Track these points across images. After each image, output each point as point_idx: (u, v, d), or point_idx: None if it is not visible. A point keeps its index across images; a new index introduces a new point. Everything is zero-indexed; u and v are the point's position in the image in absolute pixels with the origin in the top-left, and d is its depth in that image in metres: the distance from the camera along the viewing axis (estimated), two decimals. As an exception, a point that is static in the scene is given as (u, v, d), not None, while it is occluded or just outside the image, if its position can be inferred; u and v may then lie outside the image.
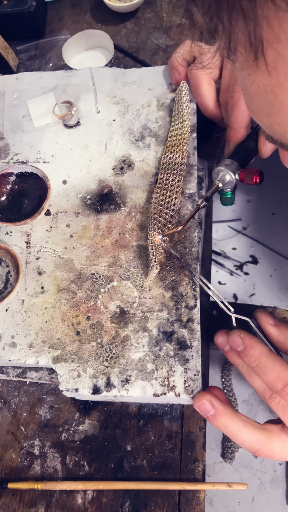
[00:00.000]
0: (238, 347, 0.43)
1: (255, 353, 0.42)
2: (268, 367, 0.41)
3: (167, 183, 0.54)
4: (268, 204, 1.29)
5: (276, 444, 0.42)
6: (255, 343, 0.42)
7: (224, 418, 0.42)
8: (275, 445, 0.42)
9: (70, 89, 0.65)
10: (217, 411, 0.43)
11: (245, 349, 0.42)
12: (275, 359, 0.41)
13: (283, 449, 0.42)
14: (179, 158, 0.56)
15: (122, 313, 0.50)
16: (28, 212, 0.56)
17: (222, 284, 1.26)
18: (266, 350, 0.42)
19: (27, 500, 0.48)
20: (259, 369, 0.42)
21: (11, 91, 0.66)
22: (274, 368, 0.41)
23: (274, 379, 0.40)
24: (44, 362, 0.49)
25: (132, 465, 0.49)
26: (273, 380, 0.40)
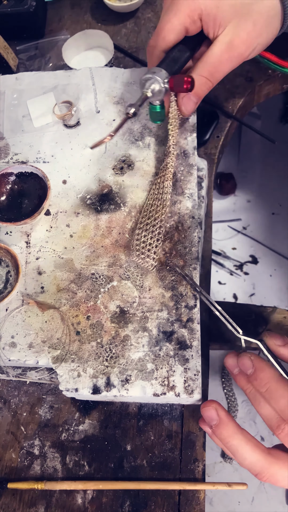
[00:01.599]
0: (248, 370, 0.41)
1: (265, 377, 0.40)
2: (279, 393, 0.39)
3: (152, 210, 0.54)
4: (268, 204, 1.29)
5: (280, 472, 0.40)
6: (265, 366, 0.41)
7: (227, 430, 0.41)
8: (279, 472, 0.40)
9: (70, 89, 0.65)
10: (221, 421, 0.41)
11: (255, 372, 0.41)
12: (286, 384, 0.39)
13: (285, 477, 0.40)
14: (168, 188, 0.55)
15: (122, 313, 0.50)
16: (28, 212, 0.56)
17: (222, 284, 1.26)
18: (277, 375, 0.40)
19: (27, 500, 0.48)
20: (269, 395, 0.40)
21: (11, 91, 0.66)
22: (285, 395, 0.39)
23: (285, 406, 0.38)
24: (44, 362, 0.49)
25: (132, 465, 0.49)
26: (284, 407, 0.38)
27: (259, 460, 0.40)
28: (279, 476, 0.40)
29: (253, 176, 1.35)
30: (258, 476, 0.40)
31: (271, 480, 0.40)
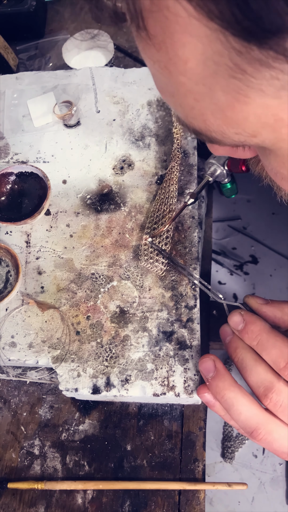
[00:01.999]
0: (239, 325, 0.40)
1: (256, 329, 0.39)
2: (270, 343, 0.38)
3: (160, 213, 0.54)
4: (268, 204, 1.29)
5: (277, 428, 0.37)
6: (256, 319, 0.40)
7: (223, 382, 0.39)
8: (276, 428, 0.37)
9: (70, 89, 0.65)
10: (218, 373, 0.40)
11: (246, 326, 0.40)
12: (277, 335, 0.38)
13: (284, 436, 0.37)
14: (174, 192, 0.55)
15: (122, 313, 0.50)
16: (28, 212, 0.56)
17: (222, 283, 1.26)
18: (268, 326, 0.39)
19: (27, 500, 0.48)
20: (261, 347, 0.38)
21: (11, 91, 0.66)
22: (276, 344, 0.38)
23: (276, 356, 0.37)
24: (44, 362, 0.49)
25: (132, 465, 0.49)
26: (275, 357, 0.37)
27: (255, 415, 0.38)
28: (276, 434, 0.37)
29: (253, 176, 1.35)
30: (253, 434, 0.38)
31: (267, 437, 0.37)
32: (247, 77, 0.19)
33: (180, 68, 0.20)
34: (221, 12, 0.16)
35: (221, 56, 0.18)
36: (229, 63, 0.18)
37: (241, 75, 0.19)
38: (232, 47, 0.18)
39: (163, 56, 0.20)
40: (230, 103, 0.20)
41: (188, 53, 0.19)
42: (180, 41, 0.19)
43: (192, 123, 0.24)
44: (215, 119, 0.22)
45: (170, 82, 0.22)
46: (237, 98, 0.20)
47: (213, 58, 0.19)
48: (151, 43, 0.20)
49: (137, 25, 0.20)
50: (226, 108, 0.21)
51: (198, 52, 0.19)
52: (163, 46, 0.20)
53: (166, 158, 0.59)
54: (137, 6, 0.19)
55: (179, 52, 0.20)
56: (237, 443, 1.08)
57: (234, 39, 0.17)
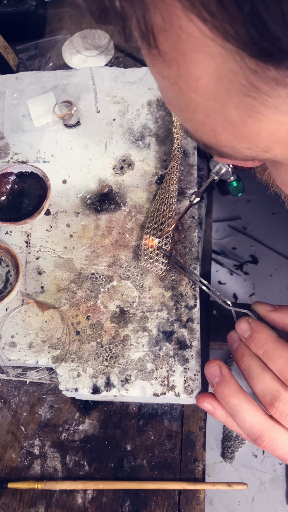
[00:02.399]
0: (245, 333, 0.40)
1: (263, 337, 0.39)
2: (277, 353, 0.38)
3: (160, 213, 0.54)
4: (268, 204, 1.29)
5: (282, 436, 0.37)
6: (263, 328, 0.40)
7: (229, 388, 0.39)
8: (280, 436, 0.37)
9: (70, 88, 0.65)
10: (223, 379, 0.40)
11: (252, 334, 0.40)
12: (284, 345, 0.38)
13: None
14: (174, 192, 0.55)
15: (122, 313, 0.50)
16: (28, 212, 0.56)
17: (222, 283, 1.26)
18: (275, 336, 0.39)
19: (27, 499, 0.48)
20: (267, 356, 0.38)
21: (11, 91, 0.66)
22: (283, 354, 0.37)
23: (282, 366, 0.37)
24: (44, 362, 0.49)
25: (132, 465, 0.49)
26: (281, 368, 0.37)
27: (260, 422, 0.37)
28: (280, 442, 0.37)
29: (253, 176, 1.35)
30: (258, 441, 0.38)
31: (272, 445, 0.37)
32: (262, 95, 0.18)
33: (191, 85, 0.20)
34: (237, 33, 0.16)
35: (235, 75, 0.18)
36: (244, 82, 0.18)
37: (256, 94, 0.18)
38: (247, 67, 0.17)
39: (174, 72, 0.20)
40: (242, 120, 0.20)
41: (201, 71, 0.19)
42: (193, 59, 0.19)
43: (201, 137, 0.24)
44: (226, 134, 0.22)
45: (180, 98, 0.22)
46: (250, 114, 0.20)
47: (227, 76, 0.18)
48: (161, 60, 0.20)
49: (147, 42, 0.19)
50: (238, 124, 0.20)
51: (211, 70, 0.19)
52: (174, 63, 0.19)
53: (166, 158, 0.59)
54: (149, 24, 0.19)
55: (191, 69, 0.19)
56: (237, 443, 1.08)
57: (250, 59, 0.17)
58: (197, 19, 0.17)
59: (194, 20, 0.17)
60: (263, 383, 0.38)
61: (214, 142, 0.23)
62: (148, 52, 0.20)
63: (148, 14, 0.18)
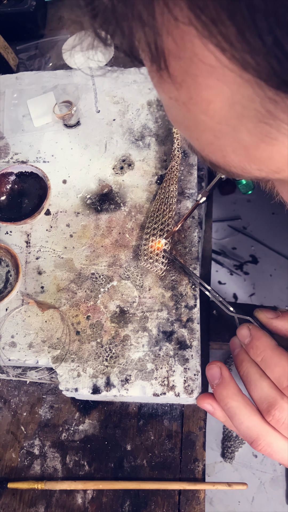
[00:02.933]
0: (245, 339, 0.41)
1: (261, 345, 0.39)
2: (274, 361, 0.38)
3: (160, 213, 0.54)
4: (268, 203, 1.29)
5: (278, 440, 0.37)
6: (262, 335, 0.40)
7: (227, 390, 0.40)
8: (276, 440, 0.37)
9: (70, 88, 0.65)
10: (223, 381, 0.40)
11: (252, 340, 0.40)
12: (282, 353, 0.38)
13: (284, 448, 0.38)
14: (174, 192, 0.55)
15: (122, 313, 0.50)
16: (28, 212, 0.56)
17: (222, 283, 1.26)
18: (274, 344, 0.39)
19: (27, 499, 0.48)
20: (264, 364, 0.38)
21: (11, 91, 0.66)
22: (280, 363, 0.37)
23: (279, 375, 0.37)
24: (44, 362, 0.49)
25: (132, 465, 0.49)
26: (278, 376, 0.37)
27: (256, 425, 0.38)
28: (275, 446, 0.37)
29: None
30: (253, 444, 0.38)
31: (267, 449, 0.38)
32: (278, 122, 0.18)
33: (201, 108, 0.19)
34: (258, 64, 0.15)
35: (251, 102, 0.17)
36: (260, 109, 0.17)
37: (272, 121, 0.18)
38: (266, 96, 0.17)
39: (183, 95, 0.19)
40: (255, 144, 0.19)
41: (213, 96, 0.18)
42: (205, 84, 0.18)
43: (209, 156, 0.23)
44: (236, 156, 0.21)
45: (188, 118, 0.21)
46: (263, 140, 0.19)
47: (241, 102, 0.18)
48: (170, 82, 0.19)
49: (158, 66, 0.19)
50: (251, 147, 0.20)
51: (225, 96, 0.18)
52: (185, 86, 0.19)
53: (166, 158, 0.59)
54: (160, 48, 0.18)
55: (203, 93, 0.18)
56: (237, 443, 1.08)
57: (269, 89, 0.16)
58: (214, 48, 0.16)
59: (211, 48, 0.16)
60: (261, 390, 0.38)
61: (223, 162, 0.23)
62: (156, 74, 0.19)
63: (160, 38, 0.17)
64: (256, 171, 0.22)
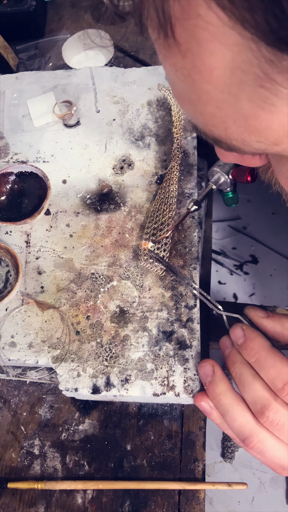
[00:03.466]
0: (239, 340, 0.40)
1: (255, 346, 0.39)
2: (268, 362, 0.38)
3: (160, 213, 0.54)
4: (268, 203, 1.29)
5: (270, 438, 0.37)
6: (256, 336, 0.40)
7: (220, 387, 0.40)
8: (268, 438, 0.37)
9: (70, 88, 0.65)
10: (215, 378, 0.40)
11: (246, 341, 0.40)
12: (276, 354, 0.38)
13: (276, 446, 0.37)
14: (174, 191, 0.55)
15: (121, 313, 0.50)
16: (28, 212, 0.56)
17: (222, 283, 1.26)
18: (268, 345, 0.39)
19: (27, 499, 0.48)
20: (259, 365, 0.38)
21: (11, 91, 0.66)
22: (275, 364, 0.37)
23: (274, 377, 0.37)
24: (43, 362, 0.49)
25: (132, 465, 0.49)
26: (272, 378, 0.37)
27: (249, 422, 0.38)
28: (268, 444, 0.37)
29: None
30: (246, 441, 0.38)
31: (259, 446, 0.38)
32: (276, 86, 0.18)
33: (205, 76, 0.20)
34: (256, 21, 0.16)
35: (251, 65, 0.18)
36: (259, 72, 0.18)
37: (270, 84, 0.18)
38: (263, 56, 0.17)
39: (188, 63, 0.20)
40: (254, 112, 0.20)
41: (216, 61, 0.19)
42: (209, 49, 0.19)
43: (211, 130, 0.24)
44: (237, 127, 0.22)
45: (192, 90, 0.22)
46: (262, 107, 0.20)
47: (241, 67, 0.18)
48: (176, 51, 0.20)
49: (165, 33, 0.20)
50: (250, 116, 0.20)
51: (227, 61, 0.19)
52: (189, 54, 0.20)
53: (166, 158, 0.59)
54: (167, 13, 0.19)
55: (206, 60, 0.19)
56: (237, 443, 1.07)
57: (266, 48, 0.17)
58: (216, 7, 0.17)
59: (214, 7, 0.17)
60: (254, 391, 0.38)
61: (224, 135, 0.23)
62: (163, 42, 0.20)
63: (167, 3, 0.18)
64: (255, 143, 0.22)
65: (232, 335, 0.41)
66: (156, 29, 0.20)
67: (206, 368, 0.41)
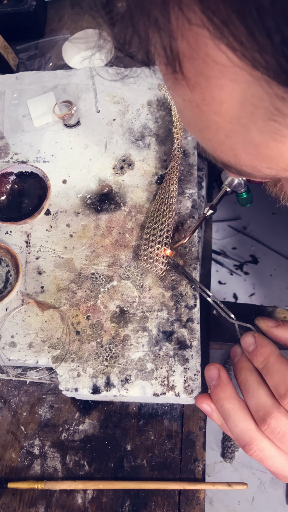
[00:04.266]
0: (250, 347, 0.41)
1: (265, 352, 0.39)
2: (275, 367, 0.38)
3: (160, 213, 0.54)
4: (268, 204, 1.29)
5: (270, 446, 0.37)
6: (267, 343, 0.40)
7: (224, 392, 0.40)
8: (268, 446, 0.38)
9: (70, 88, 0.65)
10: (220, 382, 0.41)
11: (256, 348, 0.40)
12: (284, 362, 0.38)
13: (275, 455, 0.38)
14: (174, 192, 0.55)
15: (122, 313, 0.50)
16: (28, 212, 0.56)
17: (222, 283, 1.26)
18: (277, 352, 0.40)
19: (27, 499, 0.48)
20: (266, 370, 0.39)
21: (11, 91, 0.66)
22: (281, 371, 0.38)
23: (278, 382, 0.37)
24: (43, 362, 0.49)
25: (132, 465, 0.49)
26: (277, 383, 0.37)
27: (250, 430, 0.38)
28: (267, 452, 0.38)
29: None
30: (246, 448, 0.38)
31: (259, 454, 0.38)
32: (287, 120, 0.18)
33: (214, 108, 0.20)
34: (267, 62, 0.16)
35: (261, 100, 0.18)
36: (269, 107, 0.18)
37: (281, 118, 0.18)
38: (274, 93, 0.17)
39: (197, 96, 0.20)
40: (265, 142, 0.20)
41: (225, 95, 0.19)
42: (218, 84, 0.19)
43: (221, 156, 0.24)
44: (247, 155, 0.22)
45: (201, 119, 0.22)
46: (273, 137, 0.19)
47: (251, 101, 0.18)
48: (185, 84, 0.20)
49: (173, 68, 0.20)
50: (261, 146, 0.20)
51: (236, 95, 0.19)
52: (198, 88, 0.20)
53: (166, 158, 0.59)
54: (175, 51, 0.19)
55: (215, 94, 0.19)
56: (237, 443, 1.07)
57: (278, 86, 0.17)
58: (225, 48, 0.17)
59: (223, 48, 0.17)
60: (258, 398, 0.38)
61: (234, 162, 0.23)
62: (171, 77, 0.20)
63: (175, 41, 0.18)
64: (266, 169, 0.22)
65: (243, 343, 0.42)
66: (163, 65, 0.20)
67: (212, 371, 0.42)
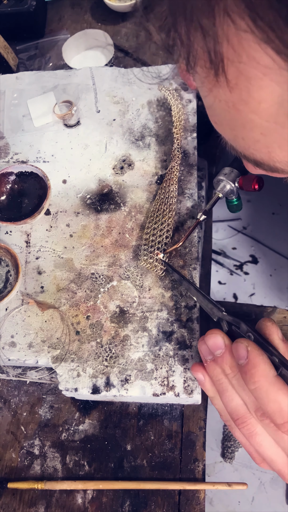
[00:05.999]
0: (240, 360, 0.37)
1: (257, 374, 0.35)
2: (271, 396, 0.34)
3: (159, 213, 0.54)
4: (268, 204, 1.29)
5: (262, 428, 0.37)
6: (260, 362, 0.36)
7: (225, 366, 0.38)
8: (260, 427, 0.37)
9: (70, 88, 0.65)
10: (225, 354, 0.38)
11: (247, 365, 0.36)
12: (280, 388, 0.35)
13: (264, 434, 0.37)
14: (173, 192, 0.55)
15: (121, 313, 0.50)
16: (28, 212, 0.56)
17: (222, 284, 1.26)
18: (272, 374, 0.35)
19: (27, 499, 0.48)
20: (258, 395, 0.35)
21: (11, 91, 0.66)
22: (277, 399, 0.34)
23: (274, 411, 0.34)
24: (43, 362, 0.49)
25: (132, 465, 0.49)
26: (273, 412, 0.34)
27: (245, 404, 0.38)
28: (258, 429, 0.37)
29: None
30: (238, 421, 0.37)
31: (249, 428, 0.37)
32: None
33: (252, 107, 0.21)
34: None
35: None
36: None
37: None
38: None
39: (235, 96, 0.21)
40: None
41: (264, 95, 0.20)
42: (258, 85, 0.19)
43: (253, 154, 0.24)
44: (281, 151, 0.23)
45: (235, 119, 0.22)
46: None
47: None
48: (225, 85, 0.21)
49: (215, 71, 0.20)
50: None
51: (276, 95, 0.19)
52: (237, 88, 0.20)
53: (166, 158, 0.59)
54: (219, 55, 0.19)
55: (255, 94, 0.20)
56: (237, 443, 1.08)
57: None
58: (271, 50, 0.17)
59: (269, 51, 0.18)
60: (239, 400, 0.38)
61: (267, 159, 0.24)
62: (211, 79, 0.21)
63: (219, 45, 0.19)
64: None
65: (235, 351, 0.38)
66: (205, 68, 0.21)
67: (216, 339, 0.38)
